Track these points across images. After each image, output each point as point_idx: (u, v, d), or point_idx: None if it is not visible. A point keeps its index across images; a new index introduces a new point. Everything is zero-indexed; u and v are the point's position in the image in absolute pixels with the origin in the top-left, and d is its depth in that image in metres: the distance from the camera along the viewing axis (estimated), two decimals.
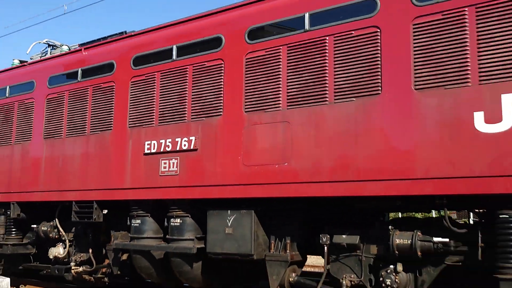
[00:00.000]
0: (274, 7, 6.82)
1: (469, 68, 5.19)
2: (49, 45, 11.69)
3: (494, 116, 5.00)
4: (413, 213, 11.44)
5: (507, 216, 4.97)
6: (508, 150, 4.89)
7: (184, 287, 8.65)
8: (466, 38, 5.26)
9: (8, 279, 6.79)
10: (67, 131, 8.96)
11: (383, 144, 5.62)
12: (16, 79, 10.36)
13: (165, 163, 7.46)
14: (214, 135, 7.02)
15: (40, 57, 10.96)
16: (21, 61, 11.18)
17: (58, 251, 9.28)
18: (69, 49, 10.59)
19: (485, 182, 4.97)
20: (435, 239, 5.48)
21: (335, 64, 6.08)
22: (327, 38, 6.21)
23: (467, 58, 5.22)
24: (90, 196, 8.37)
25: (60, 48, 11.24)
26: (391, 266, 5.79)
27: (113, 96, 8.37)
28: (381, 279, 5.77)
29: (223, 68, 7.09)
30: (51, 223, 9.45)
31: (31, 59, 11.35)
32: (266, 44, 6.73)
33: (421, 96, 5.44)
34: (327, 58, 6.16)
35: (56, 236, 9.39)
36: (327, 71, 6.13)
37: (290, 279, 6.72)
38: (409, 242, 5.61)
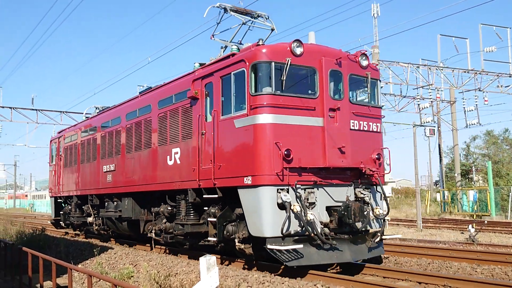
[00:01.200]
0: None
1: (167, 137, 12.55)
2: (96, 108, 21.05)
3: (171, 158, 12.33)
4: None
5: (178, 197, 12.27)
6: (175, 173, 12.17)
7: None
8: (166, 124, 12.60)
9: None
10: (86, 160, 18.06)
11: (152, 170, 13.25)
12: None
13: (108, 176, 15.98)
14: (119, 163, 15.29)
15: (86, 116, 20.34)
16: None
17: (90, 219, 18.56)
18: (96, 112, 19.71)
19: (169, 185, 12.33)
20: (169, 207, 12.93)
21: (157, 130, 13.83)
22: (158, 117, 13.98)
23: (167, 132, 12.57)
24: (91, 192, 17.39)
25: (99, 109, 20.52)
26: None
27: (95, 144, 17.18)
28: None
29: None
30: (88, 205, 18.75)
31: (86, 114, 20.82)
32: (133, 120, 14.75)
33: (159, 149, 12.93)
34: (151, 129, 13.94)
35: (90, 212, 18.64)
36: (151, 136, 13.92)
37: (148, 228, 14.65)
38: (159, 209, 13.15)
